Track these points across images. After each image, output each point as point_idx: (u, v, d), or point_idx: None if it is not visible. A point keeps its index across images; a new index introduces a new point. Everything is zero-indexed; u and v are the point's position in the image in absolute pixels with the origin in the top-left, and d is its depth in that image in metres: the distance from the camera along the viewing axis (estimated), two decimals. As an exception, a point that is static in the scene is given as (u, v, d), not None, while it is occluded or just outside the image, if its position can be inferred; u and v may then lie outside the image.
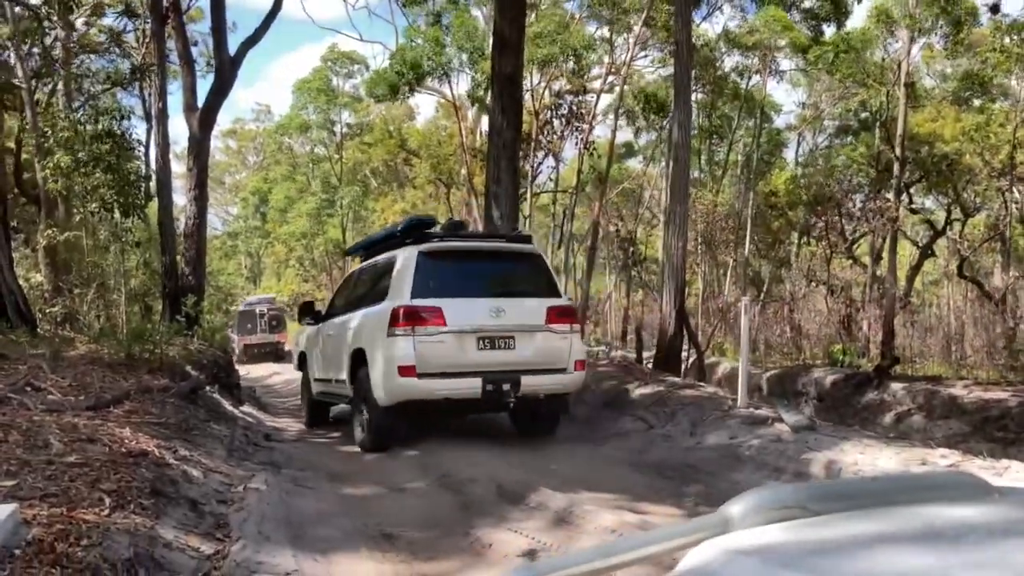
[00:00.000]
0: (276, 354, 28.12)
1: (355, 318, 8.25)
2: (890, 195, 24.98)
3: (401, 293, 7.41)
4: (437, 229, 8.35)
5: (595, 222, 23.29)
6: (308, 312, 9.91)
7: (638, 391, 8.63)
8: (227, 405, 9.75)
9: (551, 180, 29.22)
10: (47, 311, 12.55)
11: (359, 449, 7.75)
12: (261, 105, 57.58)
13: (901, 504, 1.36)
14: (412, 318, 7.20)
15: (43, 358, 8.12)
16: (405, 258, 7.63)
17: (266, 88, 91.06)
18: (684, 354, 13.59)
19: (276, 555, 4.30)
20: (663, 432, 7.39)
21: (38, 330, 10.82)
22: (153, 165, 15.26)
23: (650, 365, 12.46)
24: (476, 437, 8.01)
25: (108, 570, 3.58)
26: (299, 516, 5.24)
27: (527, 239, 8.42)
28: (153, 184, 15.56)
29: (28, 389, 6.84)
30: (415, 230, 8.03)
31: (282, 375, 19.99)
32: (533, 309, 7.64)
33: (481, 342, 7.40)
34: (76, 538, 3.68)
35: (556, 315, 7.65)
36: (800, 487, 1.48)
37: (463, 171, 27.98)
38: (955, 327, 27.38)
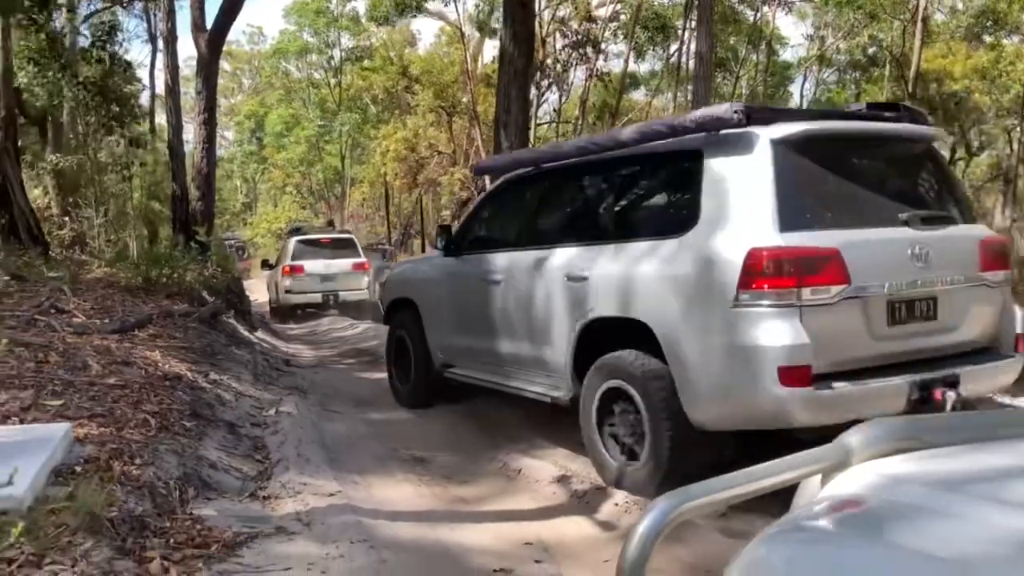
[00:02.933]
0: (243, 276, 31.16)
1: (279, 270, 16.72)
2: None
3: (287, 259, 16.27)
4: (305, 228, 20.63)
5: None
6: (266, 265, 18.43)
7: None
8: (243, 331, 9.84)
9: (554, 111, 28.91)
10: (56, 234, 12.49)
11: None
12: (253, 27, 56.22)
13: (1014, 437, 1.43)
14: (290, 269, 16.00)
15: (62, 281, 8.15)
16: (290, 243, 16.84)
17: (254, 9, 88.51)
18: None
19: (318, 476, 4.42)
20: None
21: (50, 253, 10.81)
22: (160, 88, 15.05)
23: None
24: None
25: (162, 488, 3.70)
26: (332, 440, 5.37)
27: (347, 232, 15.28)
28: (151, 106, 15.28)
29: (53, 311, 6.89)
30: (297, 231, 18.44)
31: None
32: (349, 261, 16.51)
33: (324, 280, 15.97)
34: (129, 457, 3.79)
35: (355, 267, 16.62)
36: (914, 420, 1.55)
37: (466, 99, 27.58)
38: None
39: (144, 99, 19.97)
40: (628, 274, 4.37)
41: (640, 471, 4.25)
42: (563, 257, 4.88)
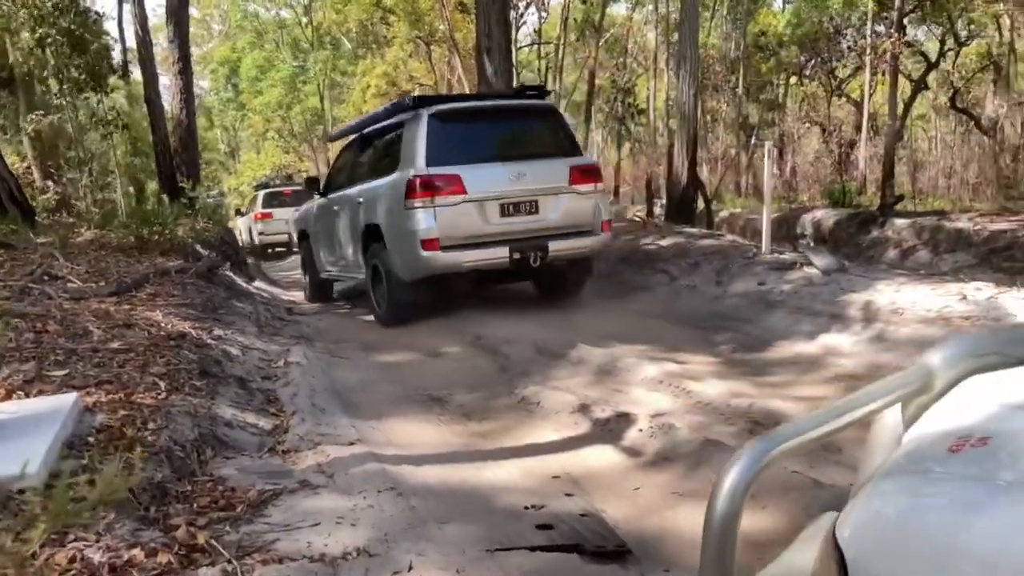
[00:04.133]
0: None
1: (249, 217, 20.83)
2: (880, 28, 24.27)
3: (257, 207, 20.42)
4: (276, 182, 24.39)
5: (591, 72, 22.45)
6: (238, 213, 21.81)
7: (656, 244, 8.61)
8: (241, 282, 9.71)
9: (534, 32, 28.20)
10: (40, 199, 12.19)
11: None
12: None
13: None
14: (262, 215, 19.85)
15: (52, 246, 7.98)
16: (260, 195, 20.81)
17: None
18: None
19: (334, 425, 4.35)
20: (688, 283, 7.42)
21: (36, 218, 10.58)
22: (131, 41, 14.52)
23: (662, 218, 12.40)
24: (501, 301, 8.05)
25: (179, 451, 3.61)
26: (344, 386, 5.29)
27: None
28: (123, 59, 14.80)
29: (46, 278, 6.74)
30: (264, 186, 22.02)
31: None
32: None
33: (288, 224, 15.99)
34: (142, 422, 3.70)
35: (289, 197, 19.31)
36: (994, 332, 1.42)
37: (443, 27, 26.86)
38: (946, 162, 27.33)
39: (116, 53, 19.29)
40: (373, 198, 7.56)
41: (385, 311, 7.52)
42: (356, 191, 8.05)
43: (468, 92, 23.63)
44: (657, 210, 14.94)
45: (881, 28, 24.35)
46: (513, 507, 3.34)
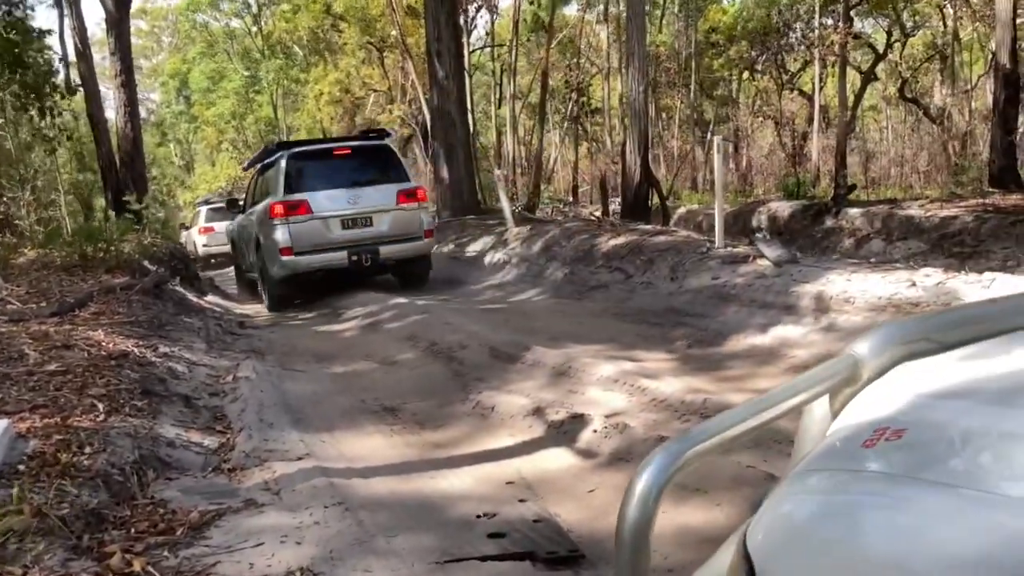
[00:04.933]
0: None
1: (194, 231, 21.63)
2: (828, 21, 24.59)
3: (200, 222, 21.26)
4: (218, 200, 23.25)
5: (544, 72, 22.42)
6: (183, 227, 23.01)
7: (611, 243, 8.57)
8: (192, 297, 9.52)
9: (486, 35, 28.14)
10: (-21, 219, 11.85)
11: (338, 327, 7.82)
12: (167, -20, 53.60)
13: None
14: (205, 229, 20.82)
15: (-9, 268, 7.74)
16: (203, 210, 21.64)
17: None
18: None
19: (283, 441, 4.23)
20: (643, 280, 7.38)
21: (-24, 239, 10.26)
22: (71, 55, 14.15)
23: (617, 216, 12.39)
24: (453, 305, 7.96)
25: (117, 475, 3.48)
26: (295, 400, 5.16)
27: (233, 201, 14.23)
28: (66, 74, 14.46)
29: (-16, 301, 6.53)
30: (206, 202, 22.89)
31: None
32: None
33: (223, 237, 16.73)
34: (78, 446, 3.56)
35: (204, 216, 21.80)
36: (921, 319, 1.36)
37: (394, 32, 26.69)
38: (896, 151, 27.76)
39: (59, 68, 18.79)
40: (258, 216, 9.76)
41: (268, 300, 9.77)
42: (253, 210, 10.22)
43: (421, 96, 23.59)
44: (614, 208, 14.97)
45: (829, 20, 24.68)
46: (465, 516, 3.26)
